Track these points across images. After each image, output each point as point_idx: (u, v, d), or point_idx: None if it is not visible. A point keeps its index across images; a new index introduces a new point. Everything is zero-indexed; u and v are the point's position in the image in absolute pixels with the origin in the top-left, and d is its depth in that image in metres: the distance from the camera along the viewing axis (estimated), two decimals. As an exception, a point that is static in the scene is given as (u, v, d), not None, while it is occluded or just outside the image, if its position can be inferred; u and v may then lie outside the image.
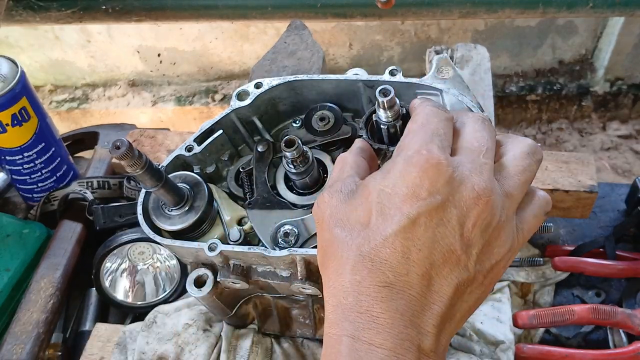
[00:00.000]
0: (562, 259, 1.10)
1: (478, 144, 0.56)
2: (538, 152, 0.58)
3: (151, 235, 0.77)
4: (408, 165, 0.53)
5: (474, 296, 0.54)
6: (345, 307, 0.51)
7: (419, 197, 0.51)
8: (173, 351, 0.93)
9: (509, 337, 0.96)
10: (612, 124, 2.72)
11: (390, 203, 0.52)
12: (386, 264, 0.51)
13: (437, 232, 0.51)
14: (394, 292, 0.50)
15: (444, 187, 0.52)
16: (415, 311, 0.50)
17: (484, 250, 0.53)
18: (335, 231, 0.55)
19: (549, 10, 1.77)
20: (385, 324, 0.49)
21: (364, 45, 2.61)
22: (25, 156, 1.19)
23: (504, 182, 0.55)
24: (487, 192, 0.52)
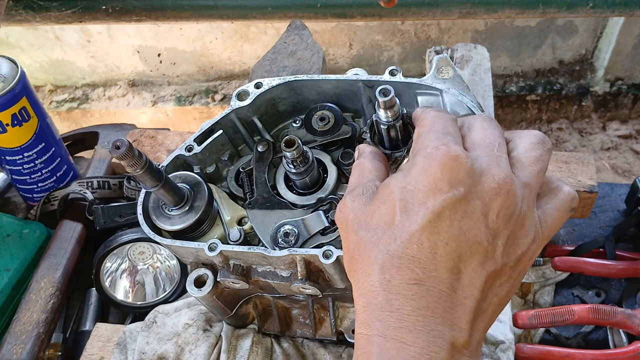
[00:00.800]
0: (562, 259, 1.10)
1: (489, 140, 0.56)
2: (546, 141, 0.58)
3: (151, 235, 0.77)
4: (428, 160, 0.53)
5: (504, 289, 0.54)
6: (375, 306, 0.51)
7: (442, 190, 0.51)
8: (173, 351, 0.93)
9: (509, 337, 0.96)
10: (612, 124, 2.72)
11: (414, 199, 0.52)
12: (414, 261, 0.51)
13: (462, 225, 0.51)
14: (424, 289, 0.50)
15: (465, 179, 0.52)
16: (447, 307, 0.50)
17: (509, 240, 0.53)
18: (361, 233, 0.55)
19: (549, 11, 1.77)
20: (416, 322, 0.49)
21: (364, 45, 2.62)
22: (25, 156, 1.19)
23: (520, 174, 0.55)
24: (507, 181, 0.52)
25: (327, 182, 0.79)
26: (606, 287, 1.13)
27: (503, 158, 0.54)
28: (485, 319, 0.53)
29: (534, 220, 0.55)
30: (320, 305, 0.88)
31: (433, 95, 0.80)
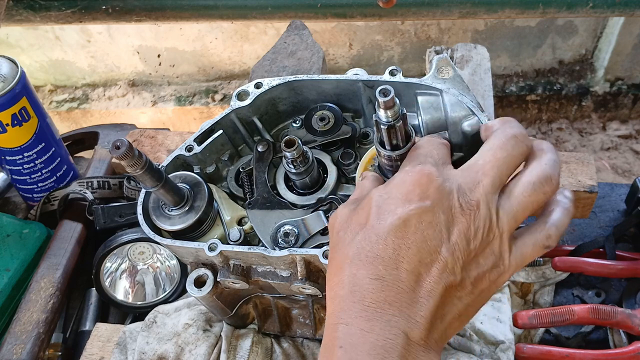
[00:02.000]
0: (562, 259, 1.10)
1: (482, 161, 0.60)
2: (549, 184, 0.60)
3: (151, 235, 0.77)
4: (404, 176, 0.61)
5: (464, 302, 0.58)
6: (341, 297, 0.57)
7: (411, 201, 0.58)
8: (173, 351, 0.93)
9: (509, 337, 0.96)
10: (612, 124, 2.72)
11: (387, 206, 0.59)
12: (378, 259, 0.56)
13: (425, 234, 0.56)
14: (384, 284, 0.55)
15: (433, 194, 0.58)
16: (405, 302, 0.55)
17: (469, 257, 0.57)
18: (340, 234, 0.61)
19: (549, 11, 1.77)
20: (375, 312, 0.54)
21: (364, 45, 2.61)
22: (25, 156, 1.19)
23: (501, 203, 0.59)
24: (471, 205, 0.57)
25: (327, 182, 0.79)
26: (606, 287, 1.13)
27: (483, 183, 0.58)
28: (444, 324, 0.57)
29: (501, 248, 0.58)
30: (320, 305, 0.89)
31: (433, 95, 0.80)
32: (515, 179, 0.61)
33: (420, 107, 0.81)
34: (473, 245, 0.57)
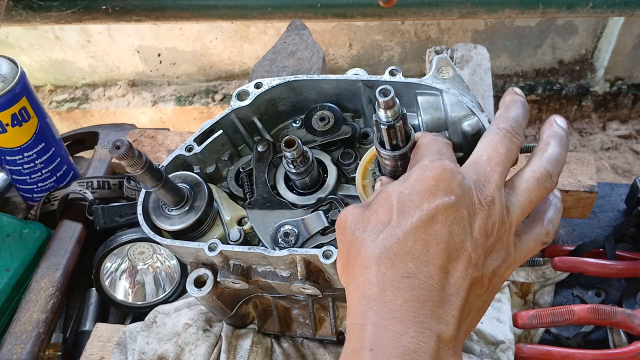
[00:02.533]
0: (562, 259, 1.10)
1: (487, 157, 0.61)
2: (550, 180, 0.61)
3: (151, 235, 0.77)
4: (424, 171, 0.59)
5: (482, 299, 0.58)
6: (370, 297, 0.55)
7: (436, 196, 0.56)
8: (173, 351, 0.93)
9: (509, 337, 0.96)
10: (612, 124, 2.72)
11: (410, 202, 0.57)
12: (408, 256, 0.55)
13: (452, 229, 0.56)
14: (416, 282, 0.54)
15: (456, 189, 0.57)
16: (436, 301, 0.53)
17: (487, 253, 0.57)
18: (357, 233, 0.59)
19: (549, 11, 1.77)
20: (407, 313, 0.53)
21: (364, 45, 2.61)
22: (25, 156, 1.19)
23: (509, 198, 0.60)
24: (488, 201, 0.58)
25: (327, 182, 0.79)
26: (606, 287, 1.13)
27: (493, 178, 0.59)
28: (467, 322, 0.57)
29: (508, 242, 0.60)
30: (320, 305, 0.88)
31: (433, 95, 0.80)
32: (519, 174, 0.62)
33: (420, 107, 0.81)
34: (490, 241, 0.57)
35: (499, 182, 0.59)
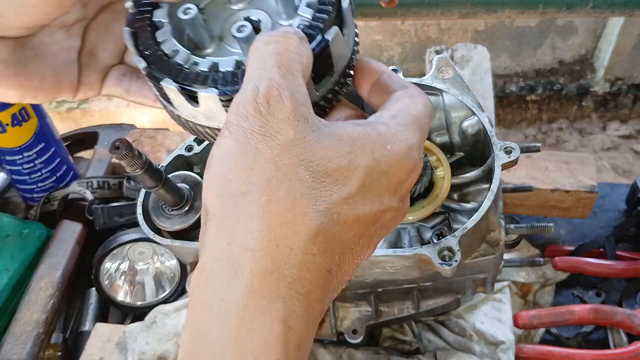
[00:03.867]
0: (562, 259, 1.10)
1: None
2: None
3: (151, 236, 0.77)
4: (407, 159, 0.46)
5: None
6: (280, 275, 0.41)
7: (396, 194, 0.46)
8: (173, 351, 0.93)
9: (509, 337, 0.96)
10: (612, 124, 2.72)
11: (378, 186, 0.44)
12: (339, 249, 0.43)
13: (375, 234, 0.47)
14: (327, 280, 0.43)
15: (406, 196, 0.48)
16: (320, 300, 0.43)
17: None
18: (303, 171, 0.42)
19: (549, 11, 1.77)
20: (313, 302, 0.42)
21: (364, 45, 2.61)
22: (25, 156, 1.19)
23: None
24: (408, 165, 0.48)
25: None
26: (606, 287, 1.13)
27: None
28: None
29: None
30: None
31: (433, 95, 0.80)
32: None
33: (420, 107, 0.81)
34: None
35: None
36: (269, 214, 0.41)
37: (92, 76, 0.59)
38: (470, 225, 0.69)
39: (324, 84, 0.51)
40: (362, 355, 0.92)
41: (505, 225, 0.78)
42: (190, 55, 0.51)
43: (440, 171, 0.77)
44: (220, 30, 0.56)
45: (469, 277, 0.82)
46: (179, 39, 0.53)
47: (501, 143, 0.73)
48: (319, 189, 0.42)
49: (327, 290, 0.44)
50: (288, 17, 0.54)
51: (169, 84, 0.49)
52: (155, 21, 0.53)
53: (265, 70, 0.43)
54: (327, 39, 0.48)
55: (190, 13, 0.53)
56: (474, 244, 0.75)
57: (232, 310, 0.40)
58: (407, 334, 0.97)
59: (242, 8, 0.57)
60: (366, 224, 0.44)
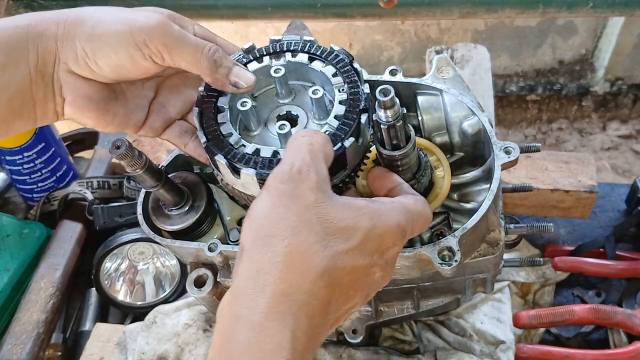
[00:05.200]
0: (562, 259, 1.10)
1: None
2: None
3: (151, 235, 0.77)
4: (398, 226, 0.60)
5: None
6: (294, 301, 0.54)
7: (382, 252, 0.59)
8: (173, 351, 0.93)
9: (509, 337, 0.96)
10: (612, 124, 2.72)
11: (373, 244, 0.58)
12: (342, 289, 0.57)
13: (373, 280, 0.60)
14: (327, 311, 0.56)
15: (390, 262, 0.62)
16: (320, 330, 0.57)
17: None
18: (317, 225, 0.56)
19: (549, 10, 1.77)
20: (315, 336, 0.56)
21: (364, 45, 2.61)
22: (25, 156, 1.19)
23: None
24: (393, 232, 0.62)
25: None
26: (606, 287, 1.13)
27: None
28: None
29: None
30: (320, 305, 0.88)
31: (433, 95, 0.80)
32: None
33: (420, 107, 0.81)
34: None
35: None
36: (290, 253, 0.54)
37: (157, 122, 0.73)
38: (470, 225, 0.69)
39: (338, 176, 0.67)
40: (362, 355, 0.92)
41: (505, 225, 0.78)
42: (240, 139, 0.67)
43: (440, 171, 0.77)
44: (266, 117, 0.73)
45: (469, 277, 0.82)
46: (234, 120, 0.70)
47: (501, 143, 0.73)
48: (328, 240, 0.55)
49: (326, 319, 0.56)
50: (320, 118, 0.71)
51: (220, 159, 0.65)
52: (219, 106, 0.70)
53: (299, 153, 0.59)
54: (345, 145, 0.64)
55: (246, 106, 0.69)
56: (474, 244, 0.75)
57: (255, 319, 0.52)
58: (407, 334, 0.97)
59: (287, 103, 0.74)
60: (359, 273, 0.57)
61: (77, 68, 0.65)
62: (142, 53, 0.64)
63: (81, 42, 0.63)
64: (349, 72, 0.71)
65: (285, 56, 0.74)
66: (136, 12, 0.66)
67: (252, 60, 0.74)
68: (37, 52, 0.64)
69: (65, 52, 0.64)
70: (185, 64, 0.66)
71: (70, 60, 0.64)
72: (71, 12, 0.65)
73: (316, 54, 0.74)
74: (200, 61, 0.66)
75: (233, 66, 0.69)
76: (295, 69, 0.74)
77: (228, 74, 0.68)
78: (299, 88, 0.75)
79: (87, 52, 0.63)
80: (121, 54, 0.63)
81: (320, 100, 0.69)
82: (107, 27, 0.63)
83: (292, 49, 0.74)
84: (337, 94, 0.70)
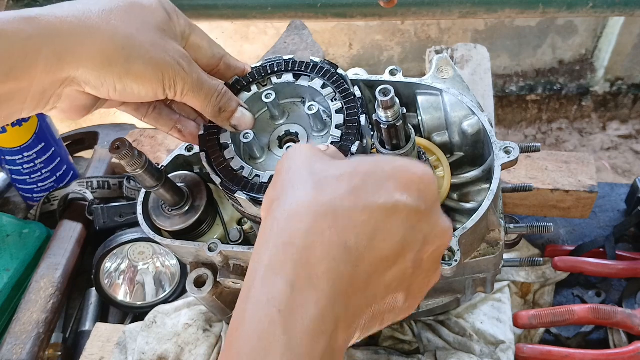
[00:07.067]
0: (562, 259, 1.10)
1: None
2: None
3: (151, 235, 0.77)
4: (412, 166, 0.52)
5: (380, 318, 0.53)
6: (295, 247, 0.48)
7: (410, 193, 0.50)
8: (173, 351, 0.93)
9: (509, 337, 0.96)
10: (612, 124, 2.72)
11: (384, 183, 0.51)
12: (354, 229, 0.49)
13: (406, 234, 0.50)
14: (346, 258, 0.48)
15: (429, 200, 0.52)
16: (353, 289, 0.48)
17: (423, 279, 0.54)
18: (315, 168, 0.52)
19: (549, 10, 1.77)
20: (324, 283, 0.47)
21: (364, 45, 2.61)
22: (25, 156, 1.19)
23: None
24: (448, 231, 0.54)
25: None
26: (606, 287, 1.13)
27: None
28: (363, 326, 0.52)
29: (426, 284, 0.57)
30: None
31: (433, 95, 0.80)
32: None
33: (420, 107, 0.81)
34: (433, 269, 0.54)
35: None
36: (289, 210, 0.50)
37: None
38: (470, 225, 0.69)
39: None
40: (362, 355, 0.92)
41: (505, 225, 0.78)
42: (252, 170, 0.70)
43: (440, 171, 0.77)
44: (267, 141, 0.75)
45: (468, 276, 0.82)
46: (239, 152, 0.72)
47: (501, 143, 0.73)
48: (326, 185, 0.50)
49: (351, 268, 0.49)
50: (319, 130, 0.73)
51: (241, 195, 0.68)
52: (222, 143, 0.72)
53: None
54: (352, 151, 0.67)
55: (248, 138, 0.71)
56: (474, 244, 0.75)
57: (260, 274, 0.49)
58: (407, 334, 0.97)
59: (284, 123, 0.75)
60: (380, 215, 0.50)
61: (94, 92, 0.64)
62: (164, 91, 0.66)
63: (114, 78, 0.63)
64: (338, 81, 0.72)
65: (271, 79, 0.75)
66: (162, 38, 0.66)
67: (241, 91, 0.75)
68: (49, 74, 0.60)
69: (86, 79, 0.62)
70: (192, 103, 0.70)
71: (91, 86, 0.63)
72: (98, 30, 0.61)
73: (301, 70, 0.75)
74: (207, 107, 0.70)
75: (236, 109, 0.72)
76: (283, 89, 0.75)
77: (230, 117, 0.72)
78: (291, 105, 0.77)
79: (117, 88, 0.63)
80: (144, 90, 0.65)
81: (317, 114, 0.71)
82: (140, 66, 0.63)
83: (276, 71, 0.76)
84: (332, 104, 0.71)
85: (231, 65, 0.75)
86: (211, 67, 0.73)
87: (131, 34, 0.63)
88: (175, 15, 0.69)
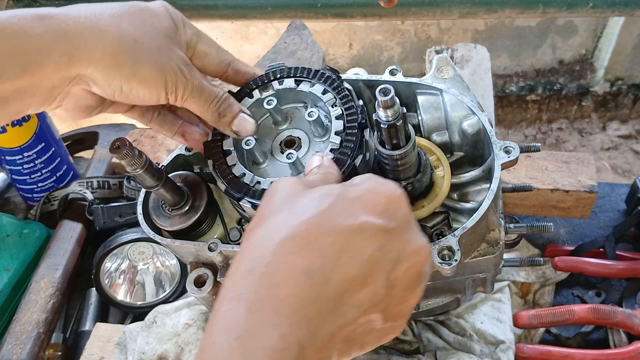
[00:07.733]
0: (562, 259, 1.10)
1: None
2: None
3: (151, 235, 0.77)
4: (380, 185, 0.54)
5: (355, 345, 0.52)
6: (257, 275, 0.49)
7: (377, 213, 0.51)
8: (173, 351, 0.93)
9: (509, 337, 0.96)
10: (612, 124, 2.72)
11: (350, 206, 0.52)
12: (318, 252, 0.49)
13: (374, 253, 0.50)
14: (310, 282, 0.48)
15: (399, 218, 0.53)
16: (318, 311, 0.48)
17: (400, 299, 0.53)
18: (282, 203, 0.54)
19: (549, 10, 1.77)
20: (286, 307, 0.47)
21: (364, 45, 2.61)
22: (25, 156, 1.19)
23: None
24: (422, 250, 0.54)
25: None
26: (606, 287, 1.13)
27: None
28: (336, 349, 0.51)
29: (406, 308, 0.56)
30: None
31: (433, 95, 0.80)
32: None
33: (420, 107, 0.81)
34: (410, 289, 0.53)
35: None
36: (252, 237, 0.53)
37: (124, 106, 0.74)
38: (470, 224, 0.69)
39: None
40: (362, 355, 0.92)
41: (505, 225, 0.78)
42: (254, 177, 0.71)
43: (440, 171, 0.77)
44: (270, 147, 0.76)
45: (468, 276, 0.82)
46: (242, 158, 0.73)
47: (501, 143, 0.73)
48: (287, 210, 0.53)
49: (316, 293, 0.49)
50: (321, 135, 0.73)
51: (245, 203, 0.69)
52: (224, 150, 0.73)
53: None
54: (355, 164, 0.68)
55: (250, 144, 0.72)
56: (474, 244, 0.75)
57: (225, 299, 0.50)
58: (407, 334, 0.97)
59: (285, 128, 0.76)
60: (345, 236, 0.51)
61: (100, 91, 0.66)
62: (166, 95, 0.68)
63: (121, 79, 0.64)
64: (339, 87, 0.73)
65: (273, 85, 0.76)
66: (167, 44, 0.67)
67: (244, 97, 0.76)
68: (59, 71, 0.62)
69: (94, 78, 0.64)
70: (193, 108, 0.71)
71: (98, 85, 0.65)
72: (106, 33, 0.63)
73: (302, 76, 0.76)
74: (207, 112, 0.71)
75: (237, 114, 0.72)
76: (285, 94, 0.76)
77: (230, 123, 0.72)
78: (293, 110, 0.78)
79: (124, 89, 0.65)
80: (149, 93, 0.67)
81: (317, 120, 0.71)
82: (146, 70, 0.65)
83: (278, 77, 0.76)
84: (332, 110, 0.72)
85: (240, 70, 0.76)
86: (219, 73, 0.75)
87: (139, 38, 0.65)
88: (182, 24, 0.71)
